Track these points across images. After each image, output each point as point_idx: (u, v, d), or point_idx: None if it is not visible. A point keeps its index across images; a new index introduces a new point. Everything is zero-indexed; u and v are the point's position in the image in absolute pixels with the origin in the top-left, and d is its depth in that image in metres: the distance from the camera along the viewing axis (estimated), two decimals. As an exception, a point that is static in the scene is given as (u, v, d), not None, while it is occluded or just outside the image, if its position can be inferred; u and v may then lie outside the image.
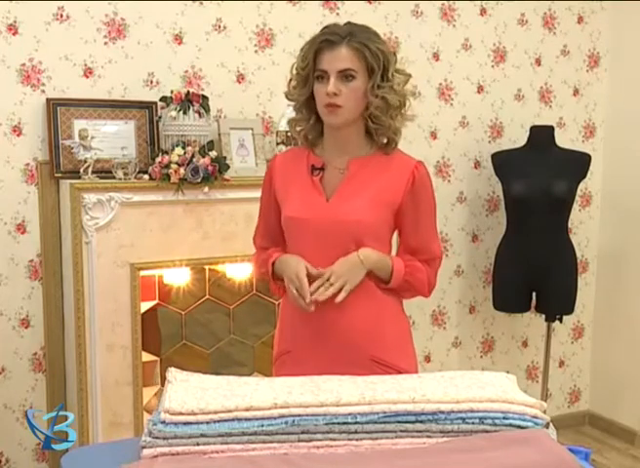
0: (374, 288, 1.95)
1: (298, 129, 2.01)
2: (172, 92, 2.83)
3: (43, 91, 2.80)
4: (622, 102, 3.86)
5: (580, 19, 3.81)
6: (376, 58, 1.86)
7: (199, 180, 2.76)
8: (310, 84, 1.91)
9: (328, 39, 1.86)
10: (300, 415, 1.50)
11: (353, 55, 1.85)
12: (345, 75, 1.86)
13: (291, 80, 1.97)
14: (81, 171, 2.71)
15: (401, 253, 2.02)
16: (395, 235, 2.05)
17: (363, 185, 1.93)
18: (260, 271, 2.10)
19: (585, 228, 3.98)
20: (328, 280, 1.87)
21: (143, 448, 1.48)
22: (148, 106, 2.90)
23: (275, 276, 2.02)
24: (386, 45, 1.91)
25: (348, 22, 1.92)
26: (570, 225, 3.60)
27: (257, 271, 2.15)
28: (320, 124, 1.96)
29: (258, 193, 2.13)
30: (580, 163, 3.49)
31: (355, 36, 1.86)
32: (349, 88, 1.86)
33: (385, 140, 1.97)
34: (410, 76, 1.95)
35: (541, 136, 3.47)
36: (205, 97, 2.87)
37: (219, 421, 1.49)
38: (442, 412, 1.53)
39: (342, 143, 1.95)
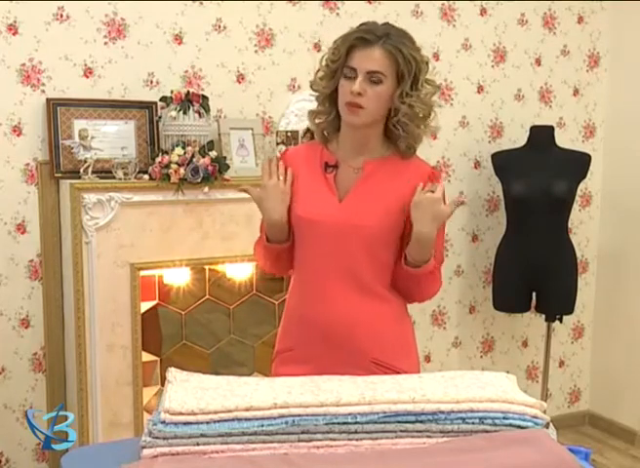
0: (379, 289, 1.94)
1: (317, 121, 1.98)
2: (172, 92, 2.84)
3: (43, 91, 2.80)
4: (622, 102, 3.86)
5: (580, 19, 3.81)
6: (408, 65, 1.83)
7: (199, 180, 2.76)
8: (337, 78, 1.87)
9: (363, 37, 1.83)
10: (300, 415, 1.50)
11: (386, 57, 1.82)
12: (373, 77, 1.83)
13: (318, 70, 1.94)
14: (81, 171, 2.71)
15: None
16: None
17: (377, 188, 1.90)
18: (257, 251, 2.06)
19: (585, 228, 3.98)
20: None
21: (143, 448, 1.48)
22: (148, 106, 2.90)
23: (270, 240, 1.98)
24: (421, 53, 1.88)
25: (386, 23, 1.89)
26: (570, 225, 3.60)
27: (256, 253, 2.08)
28: (339, 120, 1.93)
29: (257, 193, 2.12)
30: (580, 163, 3.49)
31: (391, 39, 1.82)
32: (375, 91, 1.83)
33: (405, 146, 1.94)
34: (439, 88, 1.93)
35: (541, 136, 3.47)
36: (205, 97, 2.87)
37: (219, 421, 1.49)
38: (442, 412, 1.53)
39: (360, 143, 1.93)
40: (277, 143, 3.03)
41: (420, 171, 1.94)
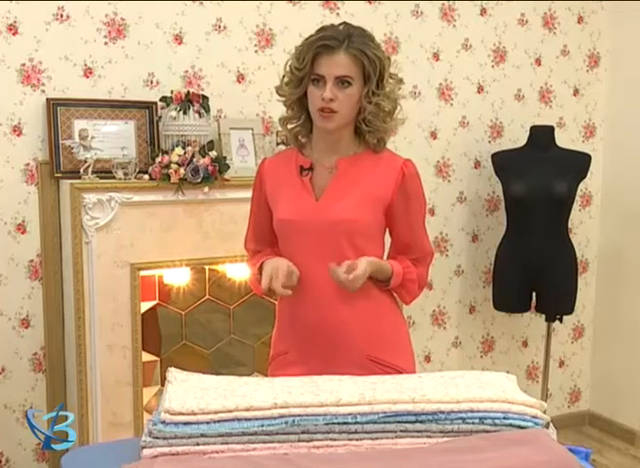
0: (370, 287, 1.95)
1: (289, 127, 2.01)
2: (172, 92, 2.83)
3: (43, 91, 2.80)
4: (622, 102, 3.86)
5: (580, 19, 3.81)
6: (373, 66, 1.87)
7: (199, 180, 2.76)
8: (304, 85, 1.91)
9: (326, 44, 1.85)
10: (300, 415, 1.50)
11: (351, 61, 1.85)
12: (342, 81, 1.86)
13: (284, 76, 1.97)
14: (81, 171, 2.71)
15: (393, 251, 2.03)
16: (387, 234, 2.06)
17: (352, 184, 1.93)
18: (252, 273, 2.08)
19: (585, 228, 3.98)
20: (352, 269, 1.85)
21: (143, 448, 1.48)
22: (148, 106, 2.90)
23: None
24: (381, 50, 1.91)
25: (344, 23, 1.92)
26: (570, 225, 3.60)
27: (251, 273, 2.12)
28: (309, 123, 1.97)
29: (258, 193, 2.12)
30: (580, 163, 3.49)
31: (353, 41, 1.85)
32: (345, 94, 1.86)
33: (375, 140, 1.97)
34: (402, 82, 1.96)
35: (541, 136, 3.47)
36: (205, 97, 2.87)
37: (219, 421, 1.49)
38: (442, 412, 1.53)
39: (332, 144, 1.96)
40: (277, 143, 3.04)
41: (393, 162, 1.97)
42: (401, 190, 1.94)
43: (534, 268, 3.41)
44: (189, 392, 1.58)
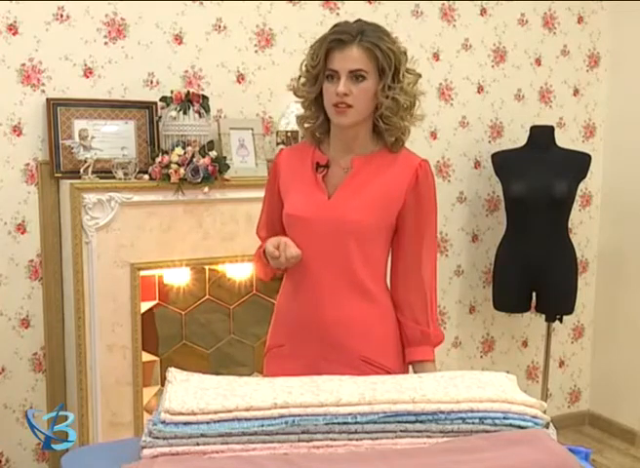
0: (368, 288, 1.95)
1: (306, 126, 2.00)
2: (172, 92, 2.84)
3: (43, 91, 2.80)
4: (622, 102, 3.86)
5: (580, 19, 3.81)
6: (387, 59, 1.85)
7: (199, 180, 2.76)
8: (320, 82, 1.89)
9: (339, 38, 1.84)
10: (300, 415, 1.50)
11: (364, 55, 1.84)
12: (356, 75, 1.84)
13: (300, 77, 1.96)
14: (81, 171, 2.71)
15: (393, 277, 2.01)
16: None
17: (366, 184, 1.92)
18: (254, 259, 2.07)
19: (585, 228, 3.98)
20: None
21: (143, 448, 1.48)
22: (148, 106, 2.90)
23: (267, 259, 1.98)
24: (397, 44, 1.90)
25: (359, 20, 1.91)
26: (570, 225, 3.60)
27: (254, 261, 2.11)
28: (327, 122, 1.95)
29: (258, 193, 2.13)
30: (580, 163, 3.49)
31: (366, 35, 1.84)
32: (359, 88, 1.84)
33: (393, 139, 1.95)
34: (420, 76, 1.94)
35: (541, 136, 3.47)
36: (205, 97, 2.87)
37: (219, 421, 1.49)
38: (442, 412, 1.53)
39: (349, 142, 1.94)
40: (277, 143, 3.04)
41: (408, 162, 1.95)
42: (414, 192, 1.92)
43: (534, 268, 3.41)
44: (189, 392, 1.58)
